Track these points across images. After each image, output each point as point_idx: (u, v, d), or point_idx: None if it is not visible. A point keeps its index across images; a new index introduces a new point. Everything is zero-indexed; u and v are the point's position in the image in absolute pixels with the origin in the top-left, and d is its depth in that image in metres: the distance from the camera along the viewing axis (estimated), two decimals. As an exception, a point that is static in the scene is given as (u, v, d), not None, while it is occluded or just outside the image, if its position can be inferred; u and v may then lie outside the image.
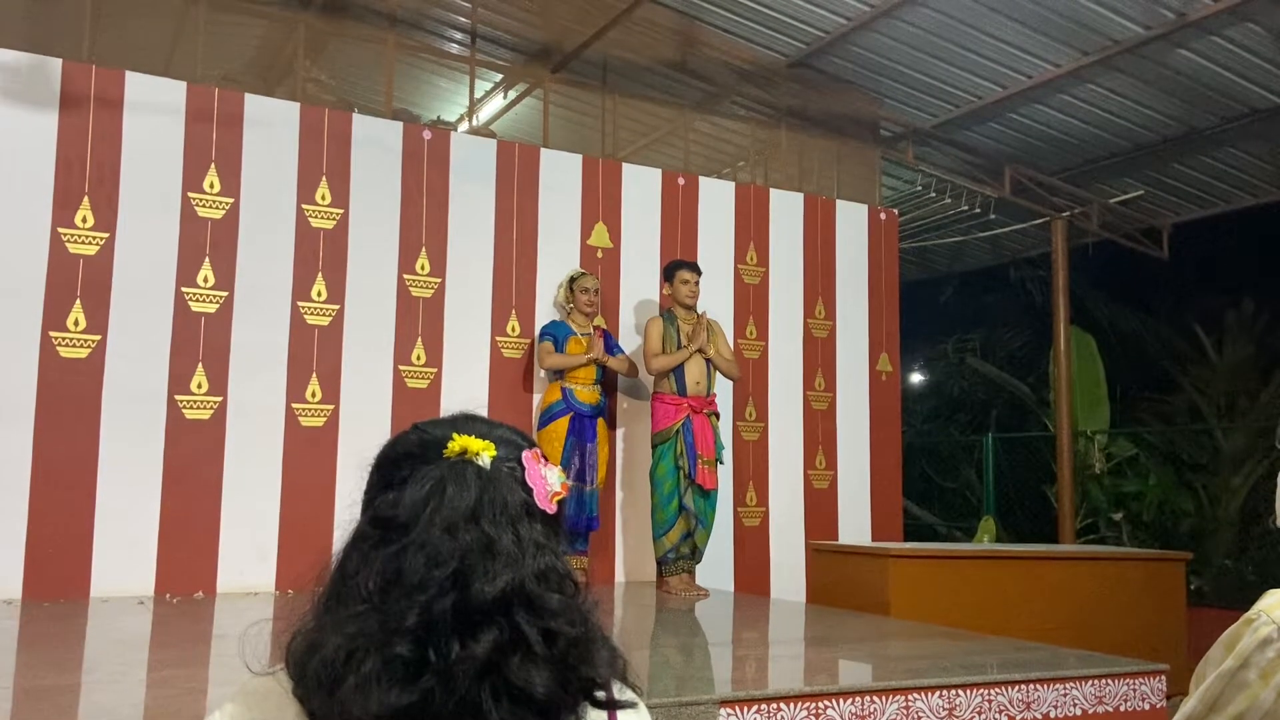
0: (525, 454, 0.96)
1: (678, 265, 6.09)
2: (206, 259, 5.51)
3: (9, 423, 5.01)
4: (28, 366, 5.09)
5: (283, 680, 0.93)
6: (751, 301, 7.00)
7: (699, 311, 6.05)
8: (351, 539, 0.95)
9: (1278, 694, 1.16)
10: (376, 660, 0.84)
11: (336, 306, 5.79)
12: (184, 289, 5.45)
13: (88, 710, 2.91)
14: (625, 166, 6.81)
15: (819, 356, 7.18)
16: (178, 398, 5.38)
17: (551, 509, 0.94)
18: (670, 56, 7.39)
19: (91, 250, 5.27)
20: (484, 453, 0.94)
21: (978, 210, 8.69)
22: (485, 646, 0.84)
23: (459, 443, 0.94)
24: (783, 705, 3.07)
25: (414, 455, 0.96)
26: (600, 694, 0.90)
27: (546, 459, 0.98)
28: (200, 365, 5.43)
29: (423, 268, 6.03)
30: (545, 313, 6.26)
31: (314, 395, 5.68)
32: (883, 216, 7.64)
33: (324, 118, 5.90)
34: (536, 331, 6.14)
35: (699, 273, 6.09)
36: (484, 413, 1.03)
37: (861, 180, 7.97)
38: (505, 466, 0.95)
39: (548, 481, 0.95)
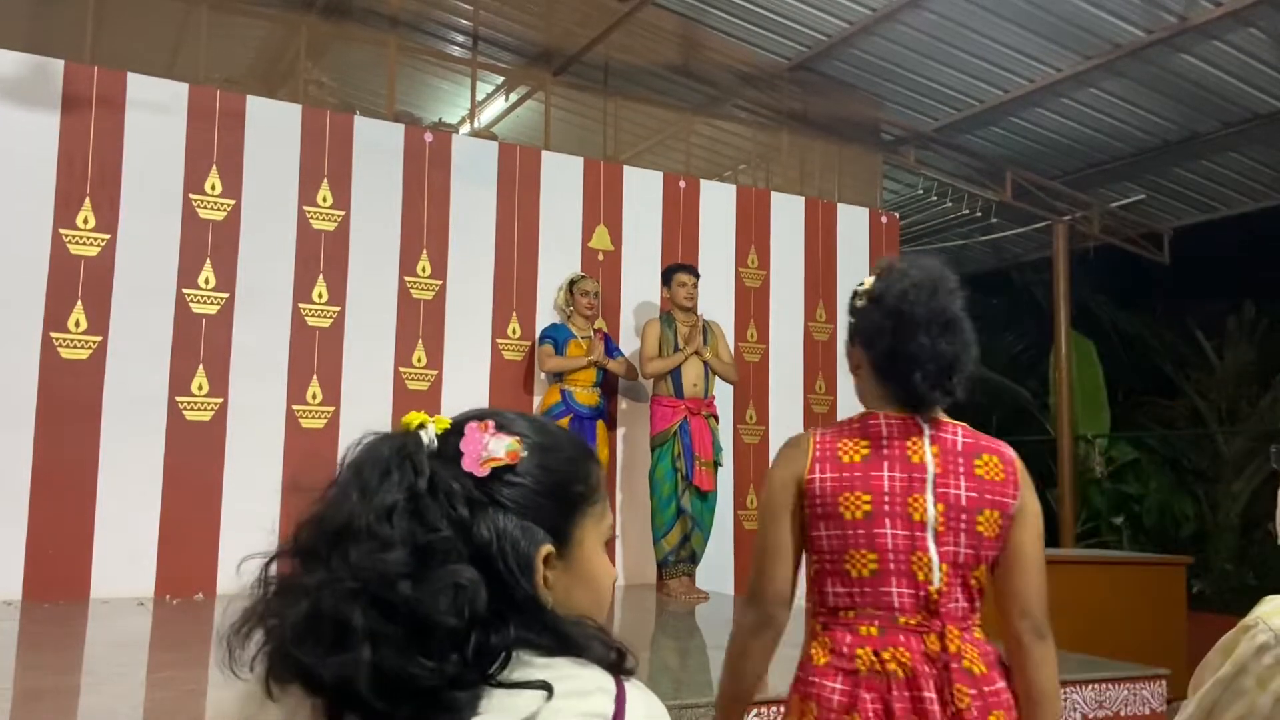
0: (470, 424, 0.98)
1: (675, 268, 6.11)
2: (208, 260, 5.51)
3: (10, 424, 5.01)
4: (28, 367, 5.09)
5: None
6: (752, 304, 7.00)
7: (698, 314, 6.06)
8: None
9: (1275, 700, 1.16)
10: (287, 582, 0.95)
11: (337, 308, 5.79)
12: (185, 290, 5.45)
13: (87, 711, 2.91)
14: (626, 169, 6.81)
15: (820, 360, 7.18)
16: (178, 399, 5.38)
17: (480, 471, 0.95)
18: (672, 59, 7.40)
19: (93, 251, 5.27)
20: (429, 424, 0.99)
21: (979, 214, 8.69)
22: (317, 575, 0.91)
23: (406, 417, 1.01)
24: (783, 708, 3.07)
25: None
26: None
27: (506, 432, 0.98)
28: (201, 367, 5.44)
29: (424, 270, 6.04)
30: (546, 315, 6.26)
31: (315, 397, 5.68)
32: (884, 220, 7.64)
33: (326, 120, 5.91)
34: (537, 334, 6.14)
35: (696, 275, 6.11)
36: None
37: (863, 184, 7.98)
38: (450, 436, 0.98)
39: (485, 447, 0.96)
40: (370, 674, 0.85)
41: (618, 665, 0.95)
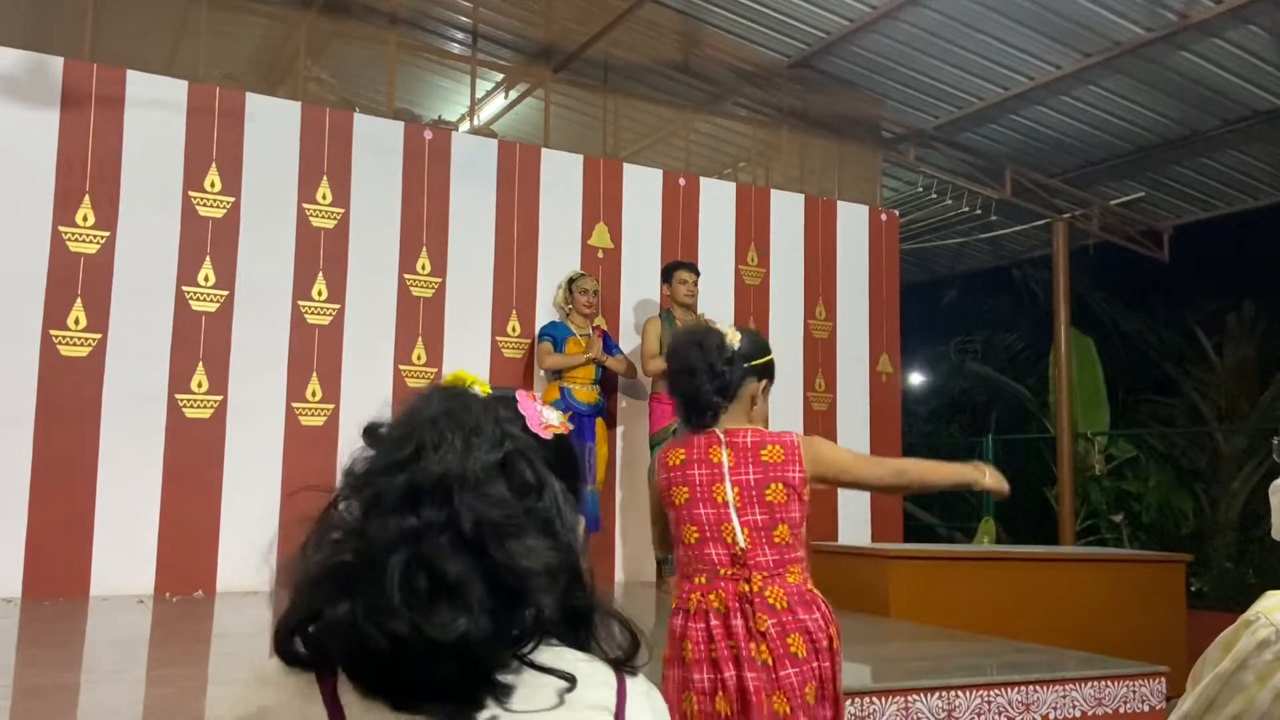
0: (519, 392, 1.01)
1: (676, 266, 6.11)
2: (207, 258, 5.51)
3: (9, 421, 5.01)
4: (28, 365, 5.09)
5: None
6: (752, 302, 7.00)
7: (699, 312, 6.06)
8: None
9: (1274, 696, 1.16)
10: (326, 525, 0.91)
11: (337, 306, 5.79)
12: (185, 288, 5.45)
13: (87, 709, 2.91)
14: (626, 167, 6.81)
15: (819, 357, 7.18)
16: (178, 396, 5.38)
17: (545, 435, 0.97)
18: (672, 57, 7.39)
19: (92, 249, 5.27)
20: (476, 386, 1.00)
21: (978, 212, 8.69)
22: (410, 521, 0.87)
23: (450, 376, 1.01)
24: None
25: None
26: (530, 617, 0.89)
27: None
28: (201, 364, 5.43)
29: (423, 267, 6.03)
30: (545, 313, 6.26)
31: (314, 394, 5.68)
32: (884, 218, 7.64)
33: (325, 117, 5.90)
34: (537, 331, 6.14)
35: (697, 273, 6.11)
36: None
37: (862, 181, 7.97)
38: (496, 395, 1.00)
39: (541, 415, 0.99)
40: (478, 634, 0.85)
41: (620, 660, 0.96)
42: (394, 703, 0.86)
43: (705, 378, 2.31)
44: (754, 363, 2.38)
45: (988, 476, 2.37)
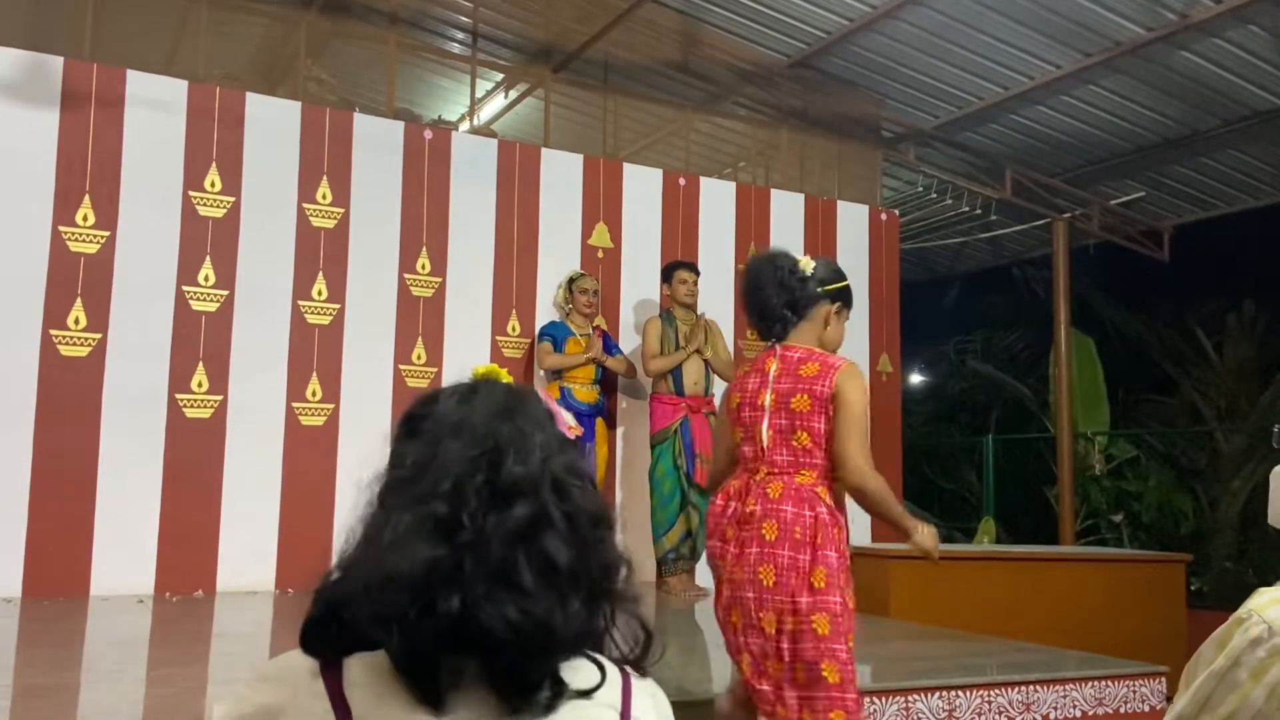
0: (542, 392, 1.06)
1: (676, 265, 6.11)
2: (207, 258, 5.51)
3: (9, 421, 5.01)
4: (28, 365, 5.09)
5: (299, 659, 0.94)
6: (752, 302, 6.99)
7: (699, 312, 6.07)
8: (389, 460, 0.99)
9: (1268, 693, 1.16)
10: (413, 517, 0.89)
11: (337, 305, 5.79)
12: (185, 287, 5.45)
13: (87, 708, 2.91)
14: (626, 166, 6.81)
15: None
16: (178, 396, 5.38)
17: (570, 435, 1.02)
18: (671, 56, 7.39)
19: (92, 248, 5.27)
20: (504, 379, 1.04)
21: (978, 211, 8.68)
22: (520, 515, 0.89)
23: (482, 369, 1.04)
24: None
25: (429, 394, 1.02)
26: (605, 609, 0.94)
27: None
28: (201, 364, 5.44)
29: (423, 267, 6.04)
30: (545, 312, 6.26)
31: (314, 394, 5.68)
32: (884, 217, 7.64)
33: (325, 117, 5.91)
34: (536, 331, 6.14)
35: (697, 273, 6.11)
36: None
37: (862, 181, 7.97)
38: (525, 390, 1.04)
39: (561, 414, 1.04)
40: (575, 625, 0.88)
41: (625, 659, 0.97)
42: (435, 703, 0.88)
43: (773, 290, 2.52)
44: (827, 286, 2.57)
45: (921, 534, 2.57)
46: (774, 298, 2.52)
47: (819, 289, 2.55)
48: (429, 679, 0.87)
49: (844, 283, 2.61)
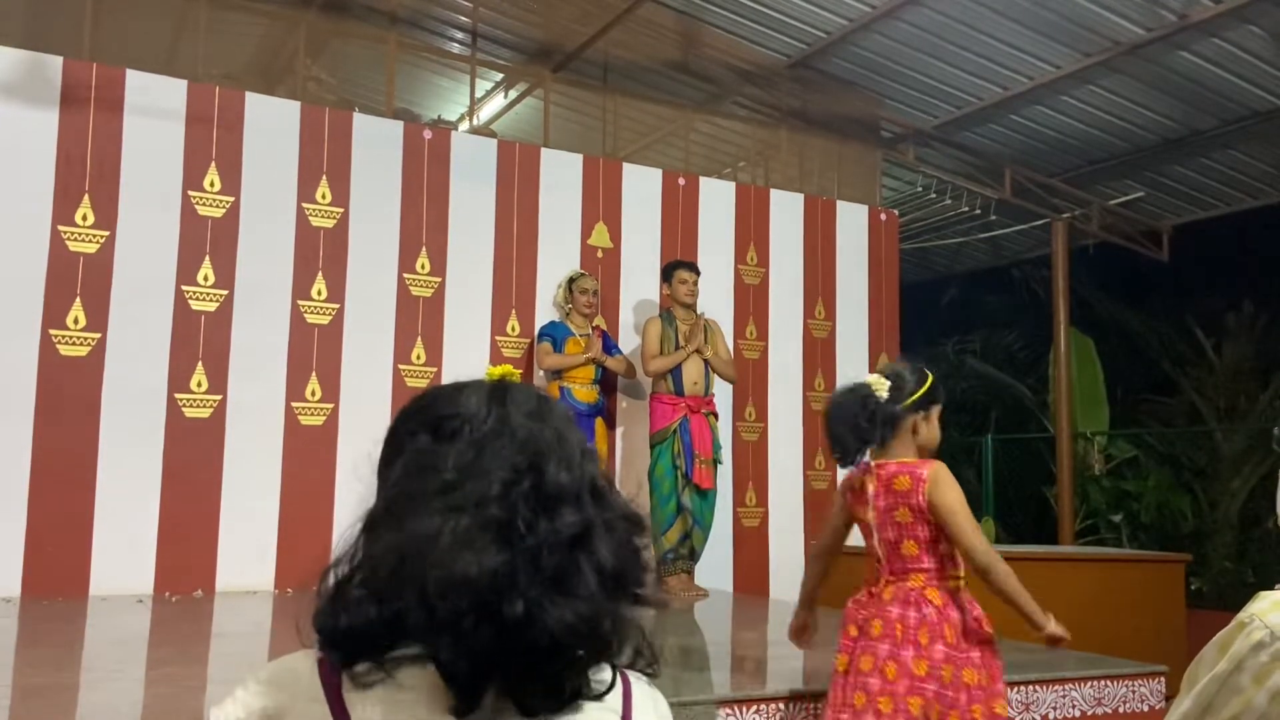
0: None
1: (676, 265, 6.10)
2: (207, 257, 5.51)
3: (9, 420, 5.01)
4: (27, 364, 5.09)
5: (298, 663, 0.93)
6: (751, 302, 7.00)
7: (698, 312, 6.06)
8: (402, 458, 0.95)
9: (1271, 698, 1.16)
10: (471, 520, 0.87)
11: (336, 305, 5.79)
12: (184, 287, 5.45)
13: (86, 708, 2.91)
14: (626, 166, 6.81)
15: (819, 357, 7.18)
16: (177, 396, 5.38)
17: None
18: (671, 56, 7.39)
19: (92, 248, 5.27)
20: (517, 379, 1.05)
21: (978, 211, 8.69)
22: (570, 522, 0.90)
23: (498, 370, 1.06)
24: (781, 705, 3.08)
25: (446, 393, 0.99)
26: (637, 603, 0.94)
27: None
28: (200, 364, 5.43)
29: (423, 267, 6.04)
30: (545, 312, 6.26)
31: (314, 394, 5.68)
32: (883, 217, 7.64)
33: (325, 117, 5.90)
34: (536, 331, 6.14)
35: (697, 273, 6.10)
36: None
37: (862, 181, 7.97)
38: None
39: None
40: (611, 626, 0.90)
41: (628, 663, 0.97)
42: (470, 709, 0.87)
43: (848, 431, 2.67)
44: (906, 402, 2.69)
45: (1052, 624, 2.77)
46: (849, 438, 2.66)
47: (894, 408, 2.66)
48: (478, 685, 0.87)
49: (920, 391, 2.70)
